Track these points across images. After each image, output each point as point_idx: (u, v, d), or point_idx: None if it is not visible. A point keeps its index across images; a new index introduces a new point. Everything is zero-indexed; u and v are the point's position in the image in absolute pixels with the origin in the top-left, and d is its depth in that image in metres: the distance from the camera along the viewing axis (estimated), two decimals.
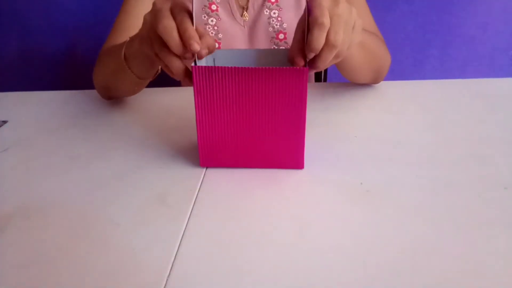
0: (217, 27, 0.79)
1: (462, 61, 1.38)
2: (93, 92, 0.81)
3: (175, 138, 0.60)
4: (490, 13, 1.28)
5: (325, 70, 1.05)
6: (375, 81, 0.76)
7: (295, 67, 0.44)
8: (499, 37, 1.34)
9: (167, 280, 0.35)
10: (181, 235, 0.40)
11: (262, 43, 0.81)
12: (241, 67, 0.45)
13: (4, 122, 0.69)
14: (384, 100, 0.71)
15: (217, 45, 0.77)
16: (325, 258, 0.37)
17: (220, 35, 0.80)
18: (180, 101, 0.72)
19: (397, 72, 1.40)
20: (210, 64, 0.57)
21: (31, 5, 1.26)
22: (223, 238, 0.40)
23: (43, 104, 0.76)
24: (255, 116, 0.48)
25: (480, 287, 0.33)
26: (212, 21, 0.79)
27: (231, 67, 0.45)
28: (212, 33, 0.79)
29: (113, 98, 0.75)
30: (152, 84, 0.84)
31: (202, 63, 0.56)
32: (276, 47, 0.81)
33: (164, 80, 0.88)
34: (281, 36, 0.80)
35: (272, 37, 0.81)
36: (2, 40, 1.30)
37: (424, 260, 0.36)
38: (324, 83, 0.98)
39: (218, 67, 0.45)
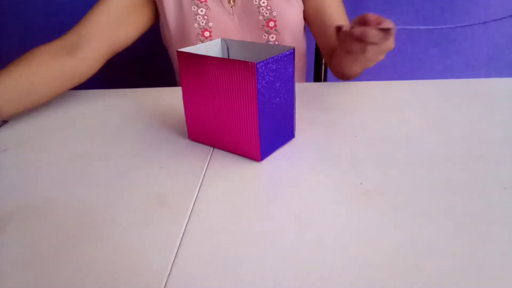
0: (207, 16, 0.81)
1: (462, 61, 1.38)
2: (93, 92, 0.81)
3: (175, 138, 0.60)
4: (491, 13, 1.28)
5: (325, 70, 1.05)
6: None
7: (245, 61, 0.47)
8: (500, 37, 1.34)
9: (167, 280, 0.35)
10: (181, 235, 0.40)
11: (253, 31, 0.84)
12: (205, 56, 0.50)
13: (4, 122, 0.69)
14: (384, 100, 0.71)
15: (208, 33, 0.81)
16: (325, 258, 0.37)
17: (210, 24, 0.82)
18: (179, 101, 0.72)
19: (397, 72, 1.40)
20: (224, 51, 0.60)
21: (31, 5, 1.26)
22: (223, 238, 0.40)
23: (43, 104, 0.76)
24: (221, 103, 0.52)
25: (480, 287, 0.33)
26: (201, 11, 0.81)
27: (199, 54, 0.50)
28: (202, 22, 0.81)
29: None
30: (151, 84, 0.84)
31: (216, 49, 0.57)
32: (267, 35, 0.84)
33: (164, 80, 0.88)
34: (271, 24, 0.83)
35: (263, 25, 0.83)
36: (2, 40, 1.30)
37: (424, 260, 0.36)
38: (324, 83, 0.98)
39: (192, 53, 0.51)
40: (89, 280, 0.36)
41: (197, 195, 0.47)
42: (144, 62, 1.34)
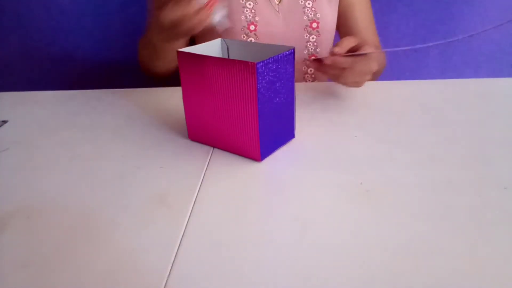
0: (254, 10, 0.83)
1: (462, 61, 1.38)
2: (93, 92, 0.81)
3: (175, 138, 0.60)
4: (490, 13, 1.28)
5: None
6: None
7: (245, 61, 0.47)
8: (499, 37, 1.34)
9: (167, 280, 0.35)
10: (181, 235, 0.40)
11: (296, 30, 0.85)
12: (205, 56, 0.50)
13: (4, 122, 0.69)
14: (384, 100, 0.71)
15: (253, 27, 0.83)
16: (325, 258, 0.37)
17: (256, 18, 0.83)
18: (179, 101, 0.72)
19: (397, 72, 1.40)
20: (224, 51, 0.60)
21: (32, 5, 1.26)
22: (223, 238, 0.40)
23: (43, 104, 0.76)
24: (221, 103, 0.52)
25: (480, 287, 0.33)
26: (249, 4, 0.83)
27: (199, 54, 0.51)
28: (249, 15, 0.83)
29: (156, 76, 0.83)
30: (151, 84, 0.84)
31: (216, 49, 0.59)
32: (308, 35, 0.86)
33: (163, 80, 0.88)
34: (314, 25, 0.85)
35: (306, 25, 0.85)
36: (2, 40, 1.30)
37: (424, 260, 0.36)
38: (324, 83, 0.98)
39: (192, 53, 0.51)
40: (89, 280, 0.36)
41: (197, 195, 0.47)
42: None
